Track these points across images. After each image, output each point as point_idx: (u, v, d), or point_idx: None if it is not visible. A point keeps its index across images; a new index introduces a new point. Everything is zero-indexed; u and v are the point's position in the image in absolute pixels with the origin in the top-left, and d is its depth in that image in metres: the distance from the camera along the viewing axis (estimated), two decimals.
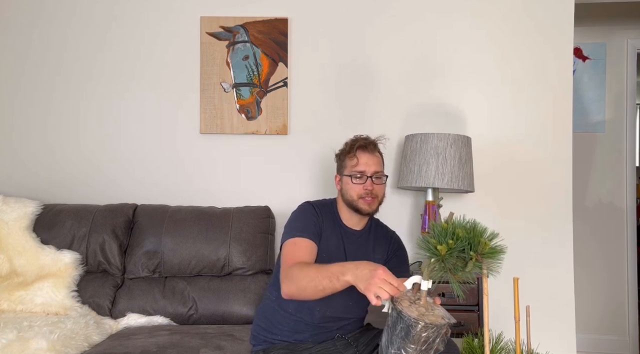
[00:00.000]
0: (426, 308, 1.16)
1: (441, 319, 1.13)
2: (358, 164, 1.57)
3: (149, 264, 2.12)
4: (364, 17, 2.48)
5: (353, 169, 1.57)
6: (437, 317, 1.13)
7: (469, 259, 1.15)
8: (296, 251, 1.46)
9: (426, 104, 2.47)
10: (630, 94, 3.26)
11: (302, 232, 1.50)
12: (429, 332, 1.09)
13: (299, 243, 1.48)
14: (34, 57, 2.52)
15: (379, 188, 1.57)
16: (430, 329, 1.09)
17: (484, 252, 1.14)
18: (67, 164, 2.50)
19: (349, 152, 1.60)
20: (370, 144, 1.60)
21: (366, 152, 1.58)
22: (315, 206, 1.60)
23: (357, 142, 1.60)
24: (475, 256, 1.14)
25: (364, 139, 1.61)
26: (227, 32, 2.47)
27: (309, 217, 1.55)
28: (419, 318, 1.10)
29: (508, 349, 1.73)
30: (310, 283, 1.30)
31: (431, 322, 1.10)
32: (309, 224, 1.53)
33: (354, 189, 1.55)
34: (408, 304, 1.15)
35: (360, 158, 1.57)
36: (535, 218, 2.41)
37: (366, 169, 1.56)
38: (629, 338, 3.20)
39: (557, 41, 2.44)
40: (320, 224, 1.55)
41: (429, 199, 2.18)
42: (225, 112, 2.47)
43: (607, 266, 3.23)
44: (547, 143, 2.43)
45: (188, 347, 1.67)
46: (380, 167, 1.60)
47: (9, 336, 1.61)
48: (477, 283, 2.09)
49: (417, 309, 1.14)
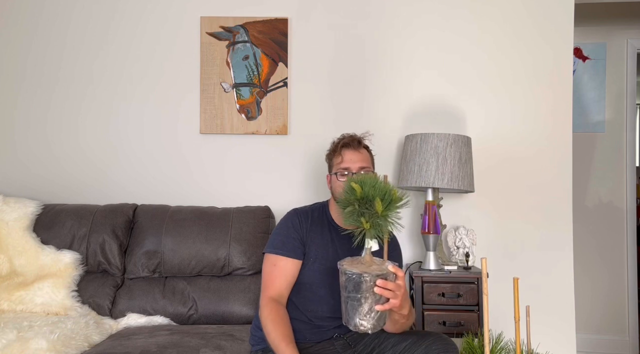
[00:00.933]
0: (368, 264, 1.30)
1: (379, 270, 1.26)
2: (342, 161, 1.61)
3: (149, 264, 2.12)
4: (364, 17, 2.48)
5: (339, 166, 1.62)
6: (375, 269, 1.26)
7: (367, 213, 1.27)
8: (275, 273, 1.54)
9: (426, 104, 2.47)
10: (630, 94, 3.26)
11: (282, 249, 1.56)
12: (367, 281, 1.23)
13: (278, 264, 1.55)
14: (34, 57, 2.52)
15: None
16: (367, 276, 1.23)
17: (379, 212, 1.26)
18: (67, 164, 2.51)
19: (335, 151, 1.66)
20: (354, 141, 1.64)
21: (350, 149, 1.62)
22: (300, 215, 1.64)
23: (342, 141, 1.65)
24: (371, 214, 1.27)
25: (349, 137, 1.66)
26: (227, 32, 2.47)
27: (290, 231, 1.59)
28: (354, 269, 1.25)
29: (508, 349, 1.73)
30: (270, 340, 1.43)
31: (367, 272, 1.24)
32: (289, 240, 1.57)
33: (340, 185, 1.57)
34: (350, 262, 1.31)
35: (345, 155, 1.61)
36: (535, 218, 2.41)
37: (351, 165, 1.60)
38: (629, 338, 3.20)
39: (557, 41, 2.44)
40: (302, 236, 1.59)
41: (429, 199, 2.17)
42: (225, 112, 2.47)
43: (607, 266, 3.24)
44: (547, 143, 2.43)
45: (188, 347, 1.67)
46: (366, 163, 1.62)
47: (9, 336, 1.61)
48: (476, 284, 2.09)
49: (358, 266, 1.28)
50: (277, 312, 1.46)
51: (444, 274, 2.10)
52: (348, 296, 1.26)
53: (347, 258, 1.35)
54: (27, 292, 2.02)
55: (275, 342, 1.39)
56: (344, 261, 1.32)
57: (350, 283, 1.25)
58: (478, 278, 2.09)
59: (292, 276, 1.55)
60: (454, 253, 2.27)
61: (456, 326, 2.04)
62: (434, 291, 2.08)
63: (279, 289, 1.52)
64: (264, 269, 1.58)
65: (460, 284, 2.09)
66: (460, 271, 2.13)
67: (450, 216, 2.40)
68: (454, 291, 2.08)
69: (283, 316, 1.47)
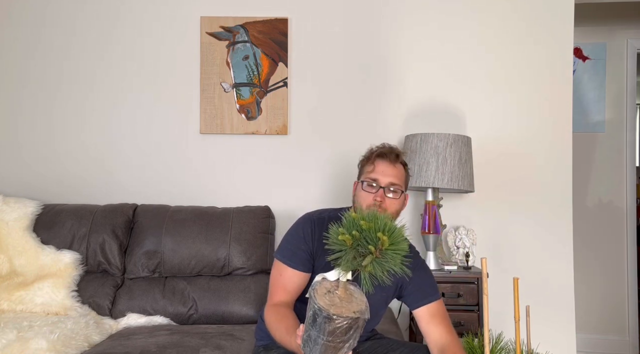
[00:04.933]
0: (341, 299, 1.09)
1: (352, 313, 1.04)
2: (374, 171, 1.47)
3: (149, 264, 2.12)
4: (364, 17, 2.48)
5: (368, 175, 1.48)
6: (349, 310, 1.05)
7: (368, 253, 1.05)
8: (280, 283, 1.46)
9: (426, 104, 2.47)
10: (630, 94, 3.26)
11: (291, 260, 1.46)
12: (335, 323, 1.02)
13: (284, 274, 1.46)
14: (37, 58, 2.52)
15: (390, 202, 1.44)
16: (336, 320, 1.02)
17: (383, 248, 1.04)
18: (67, 163, 2.50)
19: (368, 159, 1.52)
20: (392, 153, 1.49)
21: (385, 160, 1.48)
22: (314, 222, 1.50)
23: (379, 150, 1.51)
24: (374, 252, 1.04)
25: (388, 148, 1.51)
26: (227, 32, 2.47)
27: (300, 243, 1.48)
28: (323, 306, 1.03)
29: (508, 349, 1.73)
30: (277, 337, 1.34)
31: (338, 313, 1.02)
32: (298, 252, 1.46)
33: (363, 197, 1.46)
34: (324, 292, 1.09)
35: (377, 166, 1.48)
36: (535, 218, 2.41)
37: (381, 177, 1.46)
38: (629, 338, 3.20)
39: (557, 41, 2.44)
40: (312, 248, 1.47)
41: (429, 199, 2.17)
42: (225, 112, 2.47)
43: (607, 266, 3.24)
44: (547, 143, 2.43)
45: (188, 347, 1.67)
46: (398, 180, 1.47)
47: (9, 336, 1.61)
48: (476, 284, 2.08)
49: (331, 298, 1.08)
50: (280, 312, 1.42)
51: (444, 274, 2.10)
52: (307, 318, 1.07)
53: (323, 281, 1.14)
54: (27, 292, 2.02)
55: (283, 337, 1.33)
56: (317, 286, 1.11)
57: (311, 308, 1.05)
58: (478, 278, 2.09)
59: (299, 287, 1.47)
60: (454, 253, 2.27)
61: (456, 326, 2.04)
62: None
63: (284, 298, 1.47)
64: (272, 273, 1.51)
65: (460, 284, 2.09)
66: (460, 271, 2.13)
67: (450, 216, 2.40)
68: (454, 291, 2.08)
69: (287, 313, 1.42)
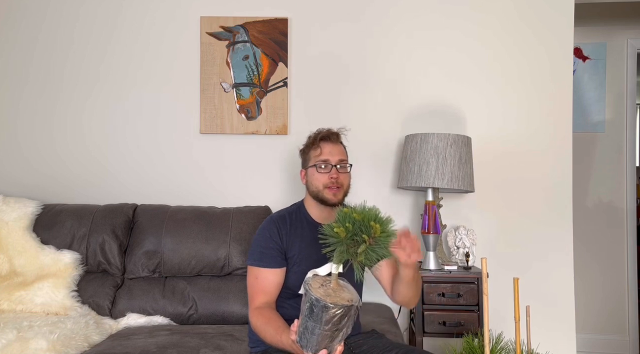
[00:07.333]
0: (334, 290, 1.19)
1: (347, 301, 1.15)
2: (322, 153, 1.59)
3: (149, 264, 2.12)
4: (364, 17, 2.48)
5: (317, 159, 1.59)
6: (343, 299, 1.16)
7: (362, 242, 1.16)
8: (257, 286, 1.54)
9: (426, 104, 2.47)
10: (630, 94, 3.26)
11: (262, 261, 1.55)
12: (331, 312, 1.12)
13: (260, 276, 1.54)
14: (37, 58, 2.52)
15: (344, 177, 1.59)
16: (333, 309, 1.12)
17: (376, 236, 1.15)
18: (67, 163, 2.51)
19: (313, 144, 1.62)
20: (332, 135, 1.62)
21: (329, 142, 1.61)
22: (277, 221, 1.61)
23: (320, 134, 1.63)
24: (368, 240, 1.15)
25: (327, 130, 1.64)
26: (227, 32, 2.47)
27: (268, 242, 1.57)
28: (321, 297, 1.13)
29: (508, 349, 1.73)
30: (268, 339, 1.42)
31: (334, 302, 1.12)
32: (267, 251, 1.56)
33: (319, 178, 1.57)
34: (318, 286, 1.20)
35: (324, 148, 1.59)
36: (535, 218, 2.41)
37: (330, 157, 1.58)
38: (629, 338, 3.20)
39: (557, 41, 2.44)
40: (280, 244, 1.57)
41: (429, 199, 2.17)
42: (225, 112, 2.47)
43: (607, 266, 3.24)
44: (547, 143, 2.43)
45: (188, 347, 1.67)
46: (344, 157, 1.62)
47: (9, 336, 1.61)
48: (476, 284, 2.08)
49: (325, 290, 1.18)
50: (265, 314, 1.47)
51: (444, 274, 2.10)
52: (302, 312, 1.17)
53: (315, 276, 1.25)
54: (27, 292, 2.02)
55: (273, 338, 1.38)
56: (311, 280, 1.22)
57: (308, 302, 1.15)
58: (478, 278, 2.09)
59: (276, 285, 1.55)
60: (454, 253, 2.27)
61: (456, 326, 2.04)
62: (434, 291, 2.08)
63: (264, 300, 1.53)
64: (248, 281, 1.58)
65: (460, 284, 2.09)
66: (460, 271, 2.13)
67: (450, 216, 2.40)
68: (454, 291, 2.08)
69: (272, 315, 1.47)
